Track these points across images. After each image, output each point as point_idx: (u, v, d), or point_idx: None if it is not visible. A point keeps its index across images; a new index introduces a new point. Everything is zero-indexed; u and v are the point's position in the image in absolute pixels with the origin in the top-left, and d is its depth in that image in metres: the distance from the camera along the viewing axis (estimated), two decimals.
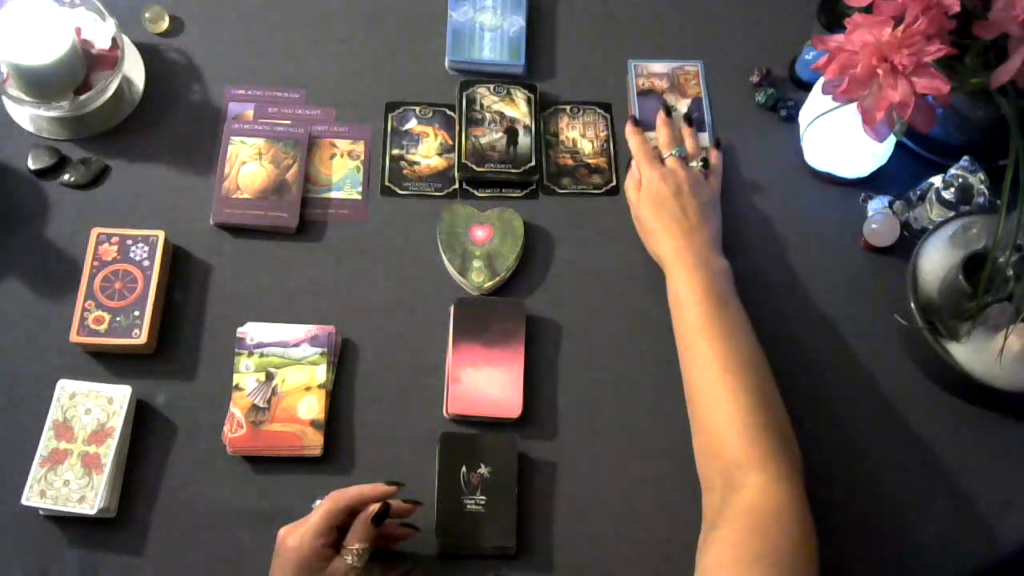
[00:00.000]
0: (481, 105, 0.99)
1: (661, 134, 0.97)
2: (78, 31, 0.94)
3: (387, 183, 0.96)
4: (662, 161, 0.94)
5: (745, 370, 0.78)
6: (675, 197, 0.89)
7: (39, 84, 0.90)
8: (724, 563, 0.68)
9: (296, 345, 0.86)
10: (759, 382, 0.78)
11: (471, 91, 1.00)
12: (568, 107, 1.02)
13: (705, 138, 1.00)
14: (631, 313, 0.92)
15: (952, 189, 0.91)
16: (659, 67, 1.03)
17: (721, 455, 0.75)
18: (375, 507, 0.73)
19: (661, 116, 0.98)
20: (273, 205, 0.93)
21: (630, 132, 0.97)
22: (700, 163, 0.94)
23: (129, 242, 0.88)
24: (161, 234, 0.89)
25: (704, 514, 0.76)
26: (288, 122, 0.98)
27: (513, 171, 0.96)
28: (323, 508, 0.72)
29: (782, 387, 0.81)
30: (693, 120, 0.99)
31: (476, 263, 0.91)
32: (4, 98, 0.93)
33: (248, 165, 0.94)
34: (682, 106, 1.01)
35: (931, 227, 0.90)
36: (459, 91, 1.00)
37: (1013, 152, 0.77)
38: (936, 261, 0.88)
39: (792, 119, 1.01)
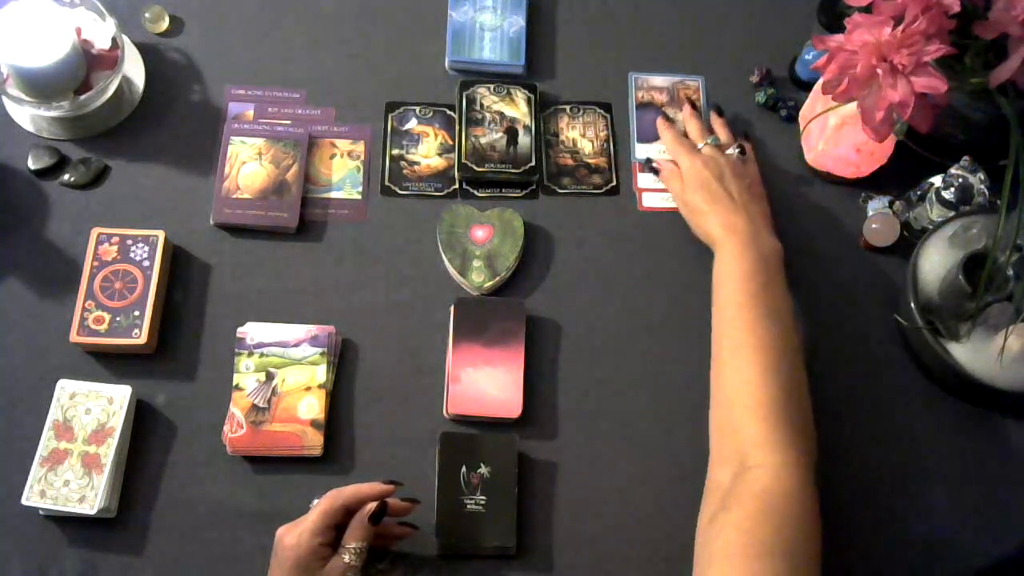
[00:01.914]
0: (481, 105, 0.99)
1: (691, 126, 0.97)
2: (78, 31, 0.94)
3: (387, 183, 0.96)
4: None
5: (779, 354, 0.78)
6: (719, 181, 0.90)
7: (39, 84, 0.90)
8: (734, 552, 0.67)
9: (296, 345, 0.86)
10: (790, 368, 0.78)
11: (471, 91, 1.00)
12: (568, 107, 1.02)
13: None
14: (631, 313, 0.92)
15: (952, 189, 0.91)
16: (659, 80, 1.03)
17: (739, 432, 0.75)
18: (372, 506, 0.73)
19: (687, 109, 0.99)
20: (273, 205, 0.93)
21: (662, 126, 0.98)
22: (737, 150, 0.94)
23: (129, 242, 0.88)
24: (161, 234, 0.89)
25: (709, 487, 0.75)
26: (288, 122, 0.98)
27: (513, 171, 0.96)
28: (320, 507, 0.72)
29: None
30: (722, 111, 0.99)
31: (476, 263, 0.91)
32: (4, 98, 0.93)
33: (248, 165, 0.94)
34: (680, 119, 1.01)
35: (931, 227, 0.90)
36: (459, 91, 1.00)
37: (1013, 152, 0.77)
38: (936, 261, 0.88)
39: (792, 119, 1.01)
